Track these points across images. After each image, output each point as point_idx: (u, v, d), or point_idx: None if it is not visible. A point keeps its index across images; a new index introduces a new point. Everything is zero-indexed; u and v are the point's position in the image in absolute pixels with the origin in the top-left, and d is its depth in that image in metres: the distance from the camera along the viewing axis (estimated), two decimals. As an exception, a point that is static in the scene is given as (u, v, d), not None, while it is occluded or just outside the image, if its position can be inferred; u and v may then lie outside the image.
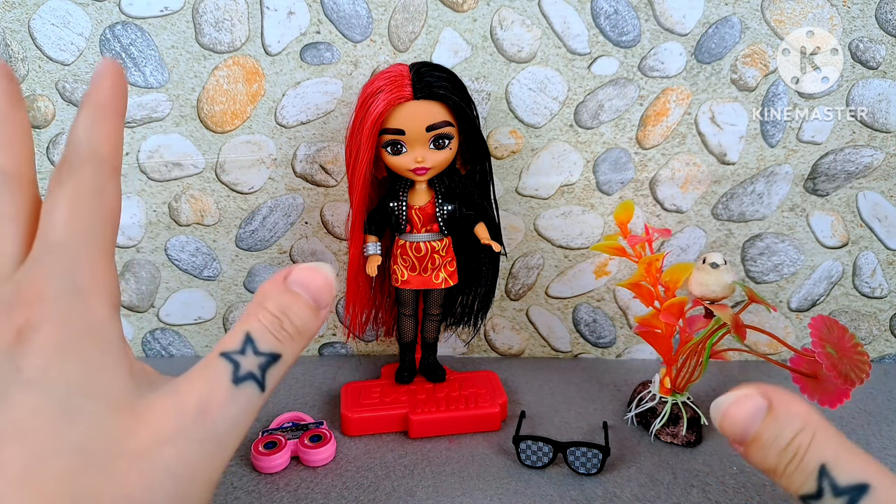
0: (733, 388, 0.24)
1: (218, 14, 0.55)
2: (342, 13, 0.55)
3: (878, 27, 0.55)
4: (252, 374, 0.22)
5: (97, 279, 0.22)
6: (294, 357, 0.24)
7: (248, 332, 0.23)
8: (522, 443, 0.50)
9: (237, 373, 0.22)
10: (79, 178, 0.24)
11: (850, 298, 0.64)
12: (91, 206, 0.23)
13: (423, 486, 0.48)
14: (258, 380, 0.22)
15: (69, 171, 0.24)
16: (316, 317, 0.24)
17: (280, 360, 0.23)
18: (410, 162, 0.50)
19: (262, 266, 0.64)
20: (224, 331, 0.67)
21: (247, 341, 0.23)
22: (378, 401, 0.55)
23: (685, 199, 0.61)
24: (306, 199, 0.61)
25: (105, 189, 0.24)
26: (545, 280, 0.65)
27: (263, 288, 0.24)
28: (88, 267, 0.22)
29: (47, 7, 0.55)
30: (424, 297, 0.57)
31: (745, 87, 0.58)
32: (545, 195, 0.61)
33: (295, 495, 0.47)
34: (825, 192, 0.61)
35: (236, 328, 0.23)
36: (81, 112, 0.26)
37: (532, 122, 0.59)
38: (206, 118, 0.58)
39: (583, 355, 0.68)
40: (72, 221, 0.23)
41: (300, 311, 0.24)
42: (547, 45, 0.56)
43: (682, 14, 0.55)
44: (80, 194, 0.23)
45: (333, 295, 0.25)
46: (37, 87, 0.57)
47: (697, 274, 0.49)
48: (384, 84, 0.48)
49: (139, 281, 0.64)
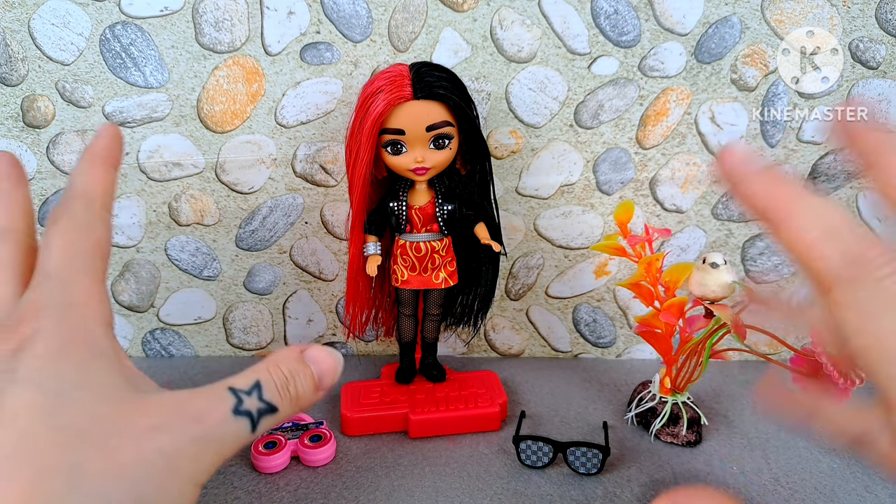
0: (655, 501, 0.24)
1: (218, 14, 0.55)
2: (342, 13, 0.55)
3: (878, 27, 0.55)
4: (250, 412, 0.24)
5: (90, 300, 0.25)
6: (285, 417, 0.26)
7: (259, 379, 0.25)
8: (522, 443, 0.49)
9: (238, 406, 0.24)
10: (71, 214, 0.26)
11: (850, 298, 0.64)
12: (82, 238, 0.26)
13: (423, 486, 0.48)
14: (253, 420, 0.24)
15: (63, 209, 0.26)
16: (315, 392, 0.27)
17: (275, 414, 0.25)
18: (410, 162, 0.50)
19: (262, 266, 0.64)
20: (224, 331, 0.67)
21: (255, 386, 0.25)
22: (378, 401, 0.55)
23: (685, 199, 0.61)
24: (306, 199, 0.61)
25: (95, 224, 0.26)
26: (545, 280, 0.65)
27: (281, 352, 0.27)
28: (81, 288, 0.25)
29: (47, 7, 0.55)
30: (424, 297, 0.57)
31: (745, 87, 0.58)
32: (545, 195, 0.61)
33: (295, 495, 0.47)
34: (825, 192, 0.61)
35: (248, 373, 0.26)
36: (79, 162, 0.28)
37: (532, 122, 0.59)
38: (206, 118, 0.58)
39: (583, 355, 0.68)
40: (65, 251, 0.25)
41: (306, 381, 0.27)
42: (547, 45, 0.56)
43: (682, 14, 0.55)
44: (72, 227, 0.26)
45: (335, 380, 0.28)
46: (37, 87, 0.57)
47: (697, 274, 0.49)
48: (384, 84, 0.48)
49: (139, 281, 0.64)
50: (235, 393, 0.24)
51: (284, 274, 0.64)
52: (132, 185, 0.60)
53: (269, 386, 0.25)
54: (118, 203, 0.61)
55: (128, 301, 0.65)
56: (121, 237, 0.62)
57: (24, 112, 0.58)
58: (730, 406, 0.58)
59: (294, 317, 0.66)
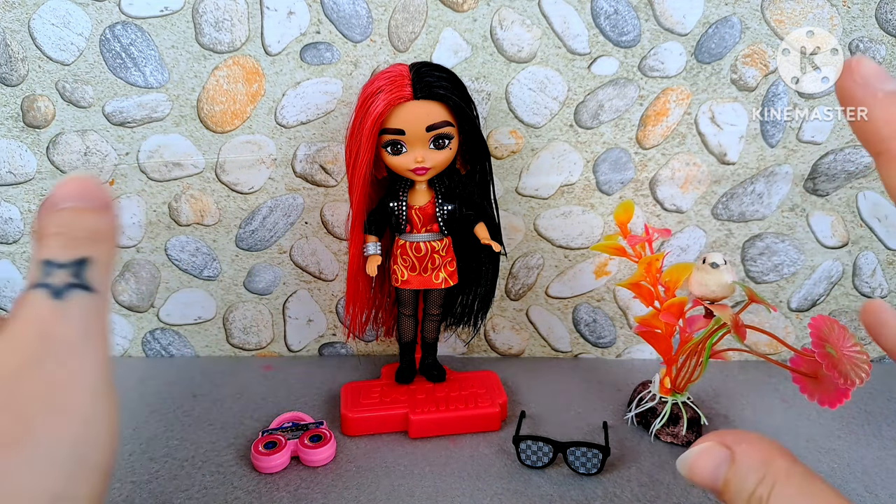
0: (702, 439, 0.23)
1: (218, 14, 0.55)
2: (342, 13, 0.55)
3: (878, 27, 0.55)
4: (68, 284, 0.21)
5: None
6: (108, 256, 0.23)
7: (42, 259, 0.22)
8: (522, 443, 0.49)
9: (54, 290, 0.21)
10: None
11: (850, 298, 0.64)
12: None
13: (423, 486, 0.48)
14: (79, 285, 0.21)
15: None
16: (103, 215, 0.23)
17: (92, 261, 0.22)
18: (410, 162, 0.50)
19: (262, 266, 0.64)
20: (224, 331, 0.67)
21: (45, 265, 0.22)
22: (378, 401, 0.55)
23: (685, 199, 0.61)
24: (306, 199, 0.61)
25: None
26: (545, 280, 0.65)
27: (36, 223, 0.23)
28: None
29: (47, 7, 0.55)
30: (424, 297, 0.57)
31: (745, 87, 0.58)
32: (545, 195, 0.61)
33: (295, 495, 0.47)
34: (825, 192, 0.61)
35: (31, 266, 0.22)
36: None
37: (532, 122, 0.59)
38: (206, 118, 0.58)
39: (583, 355, 0.68)
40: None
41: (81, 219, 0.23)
42: (547, 45, 0.56)
43: (682, 14, 0.55)
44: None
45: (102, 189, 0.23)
46: (37, 87, 0.57)
47: (697, 274, 0.49)
48: (384, 84, 0.48)
49: (139, 281, 0.64)
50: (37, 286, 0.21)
51: (284, 274, 0.64)
52: (132, 185, 0.60)
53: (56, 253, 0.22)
54: (118, 203, 0.61)
55: (128, 301, 0.65)
56: (121, 237, 0.62)
57: (24, 112, 0.58)
58: (730, 406, 0.58)
59: (294, 317, 0.66)
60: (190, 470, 0.50)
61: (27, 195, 0.60)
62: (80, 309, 0.21)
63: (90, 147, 0.59)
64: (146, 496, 0.47)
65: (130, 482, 0.48)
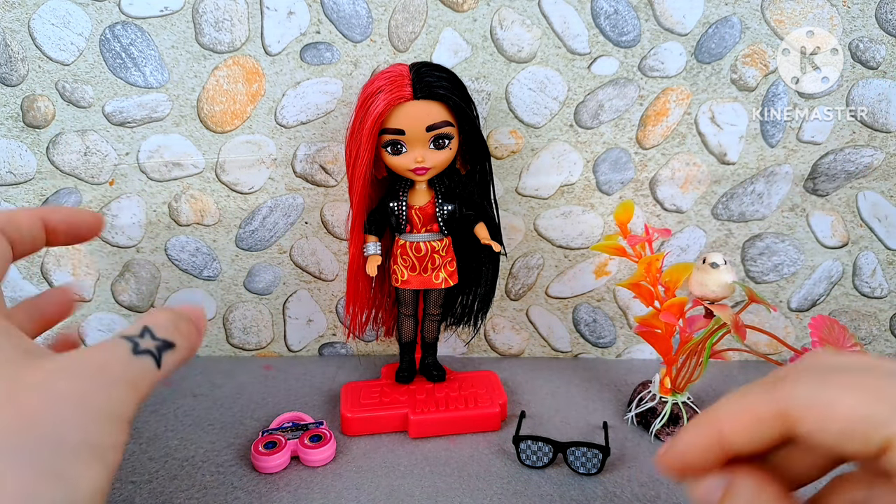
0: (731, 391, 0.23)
1: (218, 14, 0.55)
2: (342, 13, 0.55)
3: (878, 27, 0.55)
4: (150, 350, 0.25)
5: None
6: (184, 353, 0.27)
7: (146, 325, 0.26)
8: (522, 443, 0.49)
9: (136, 348, 0.25)
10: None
11: (850, 298, 0.64)
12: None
13: (423, 486, 0.48)
14: (155, 356, 0.25)
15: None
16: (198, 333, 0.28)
17: (174, 349, 0.26)
18: (410, 162, 0.50)
19: (262, 266, 0.64)
20: (224, 330, 0.67)
21: (145, 330, 0.26)
22: (378, 401, 0.55)
23: (685, 199, 0.61)
24: (306, 199, 0.61)
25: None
26: (545, 280, 0.65)
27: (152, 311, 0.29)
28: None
29: (47, 7, 0.55)
30: (424, 297, 0.57)
31: (745, 87, 0.58)
32: (545, 195, 0.61)
33: (295, 495, 0.47)
34: (825, 192, 0.61)
35: (134, 324, 0.27)
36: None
37: (532, 122, 0.59)
38: (206, 118, 0.58)
39: (583, 355, 0.68)
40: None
41: (186, 322, 0.28)
42: (547, 45, 0.56)
43: (682, 14, 0.55)
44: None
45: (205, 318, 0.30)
46: (37, 87, 0.57)
47: (697, 274, 0.49)
48: (384, 84, 0.48)
49: (139, 281, 0.64)
50: (129, 339, 0.25)
51: (284, 274, 0.64)
52: (132, 185, 0.60)
53: (159, 327, 0.27)
54: (118, 203, 0.61)
55: (128, 301, 0.65)
56: (121, 237, 0.62)
57: (24, 112, 0.58)
58: (730, 406, 0.58)
59: (294, 317, 0.66)
60: (190, 470, 0.50)
61: (27, 195, 0.60)
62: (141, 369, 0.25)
63: (90, 147, 0.59)
64: (146, 496, 0.47)
65: (130, 482, 0.48)
